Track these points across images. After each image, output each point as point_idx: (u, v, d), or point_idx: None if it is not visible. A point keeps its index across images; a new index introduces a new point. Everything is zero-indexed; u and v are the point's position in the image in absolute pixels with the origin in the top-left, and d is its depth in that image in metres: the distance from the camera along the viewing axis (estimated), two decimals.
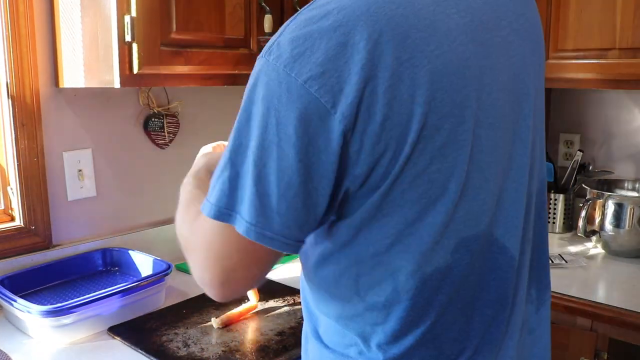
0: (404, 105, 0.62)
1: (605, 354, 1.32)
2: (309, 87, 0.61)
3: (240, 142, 0.66)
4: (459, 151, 0.67)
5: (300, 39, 0.63)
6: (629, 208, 1.56)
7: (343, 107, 0.61)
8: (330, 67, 0.61)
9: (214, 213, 0.67)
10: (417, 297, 0.71)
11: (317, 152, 0.63)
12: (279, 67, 0.63)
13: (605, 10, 1.48)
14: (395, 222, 0.68)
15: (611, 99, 1.87)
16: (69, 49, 1.25)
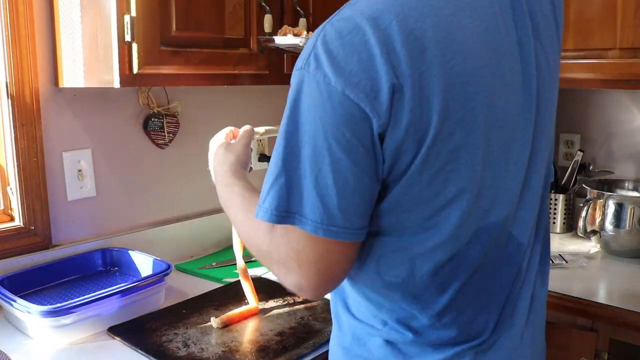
0: (423, 112, 0.70)
1: (606, 354, 1.31)
2: (349, 95, 0.69)
3: (291, 150, 0.73)
4: (472, 153, 0.74)
5: (335, 51, 0.70)
6: (629, 208, 1.56)
7: (379, 112, 0.69)
8: (364, 77, 0.68)
9: (276, 218, 0.74)
10: (431, 281, 0.79)
11: (365, 150, 0.71)
12: (319, 79, 0.70)
13: (605, 10, 1.48)
14: (414, 217, 0.76)
15: (611, 99, 1.86)
16: (69, 49, 1.24)
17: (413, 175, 0.72)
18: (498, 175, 0.78)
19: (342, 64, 0.69)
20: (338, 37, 0.70)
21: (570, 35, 1.55)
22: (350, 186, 0.71)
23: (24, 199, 1.30)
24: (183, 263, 1.58)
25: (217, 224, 1.71)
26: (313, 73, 0.71)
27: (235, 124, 1.61)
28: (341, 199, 0.72)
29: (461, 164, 0.73)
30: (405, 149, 0.71)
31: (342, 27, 0.70)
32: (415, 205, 0.75)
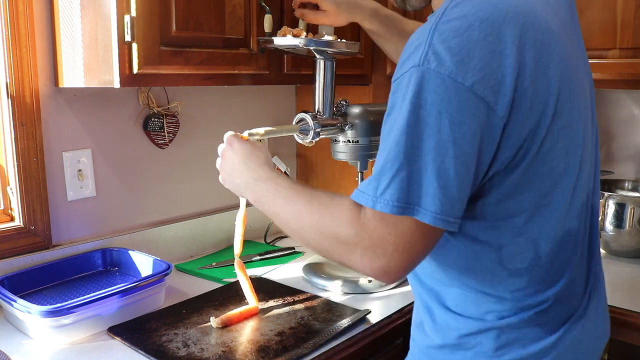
0: (540, 96, 0.77)
1: (606, 354, 1.31)
2: (475, 90, 0.73)
3: (412, 144, 0.75)
4: (576, 131, 0.83)
5: (455, 49, 0.74)
6: (630, 208, 1.56)
7: (502, 104, 0.74)
8: (488, 72, 0.74)
9: (397, 210, 0.75)
10: (555, 259, 0.85)
11: (487, 144, 0.76)
12: (444, 75, 0.73)
13: (605, 10, 1.48)
14: (531, 196, 0.81)
15: (611, 99, 1.86)
16: (69, 49, 1.24)
17: (532, 157, 0.78)
18: (588, 151, 0.88)
19: (466, 60, 0.73)
20: (456, 34, 0.74)
21: None
22: (470, 177, 0.76)
23: (24, 199, 1.30)
24: (183, 263, 1.58)
25: (217, 224, 1.71)
26: (436, 69, 0.74)
27: (235, 124, 1.62)
28: (460, 190, 0.75)
29: (569, 141, 0.82)
30: (526, 133, 0.77)
31: (458, 25, 0.75)
32: (532, 184, 0.80)
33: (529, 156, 0.79)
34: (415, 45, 0.77)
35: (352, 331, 1.16)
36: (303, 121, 1.31)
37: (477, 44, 0.74)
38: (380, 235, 0.78)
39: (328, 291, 1.37)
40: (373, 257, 0.79)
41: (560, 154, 0.81)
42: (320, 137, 1.31)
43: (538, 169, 0.80)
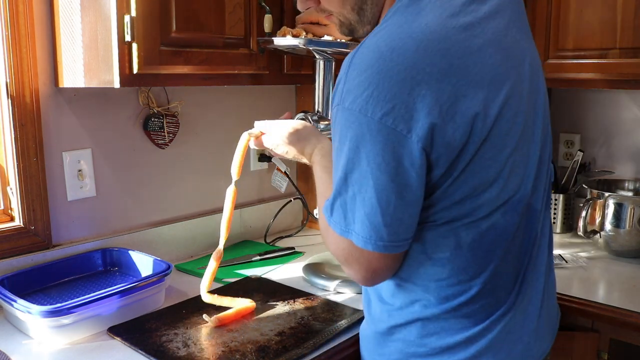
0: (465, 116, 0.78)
1: (606, 354, 1.32)
2: (385, 122, 0.76)
3: (343, 175, 0.82)
4: (507, 140, 0.84)
5: (365, 83, 0.77)
6: (629, 208, 1.56)
7: (417, 130, 0.77)
8: (398, 101, 0.76)
9: (339, 231, 0.86)
10: (478, 249, 0.87)
11: (405, 170, 0.79)
12: (355, 110, 0.78)
13: (605, 10, 1.48)
14: (457, 197, 0.84)
15: (611, 99, 1.86)
16: (69, 49, 1.24)
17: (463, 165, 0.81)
18: (525, 153, 0.89)
19: (375, 93, 0.76)
20: (366, 68, 0.77)
21: (571, 36, 1.55)
22: (392, 204, 0.80)
23: (24, 199, 1.30)
24: (183, 263, 1.58)
25: (217, 224, 1.70)
26: (349, 107, 0.79)
27: (235, 124, 1.62)
28: (385, 215, 0.81)
29: (499, 150, 0.83)
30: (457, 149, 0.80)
31: (370, 57, 0.78)
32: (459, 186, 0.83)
33: (458, 168, 0.82)
34: (339, 78, 0.83)
35: (352, 331, 1.16)
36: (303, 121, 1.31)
37: (386, 75, 0.76)
38: (336, 251, 0.89)
39: (328, 291, 1.37)
40: (345, 266, 0.90)
41: (490, 165, 0.84)
42: None
43: (466, 178, 0.83)
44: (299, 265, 1.54)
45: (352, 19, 0.95)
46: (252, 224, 1.81)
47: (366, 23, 0.95)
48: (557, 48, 1.57)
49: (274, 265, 1.58)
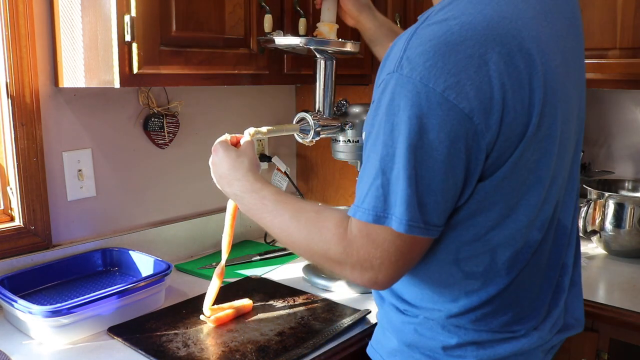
0: (524, 108, 0.74)
1: (606, 354, 1.32)
2: (447, 96, 0.71)
3: (387, 152, 0.75)
4: (551, 143, 0.80)
5: (429, 52, 0.71)
6: (630, 208, 1.56)
7: (477, 111, 0.72)
8: (463, 77, 0.71)
9: (373, 218, 0.76)
10: (512, 267, 0.84)
11: (459, 151, 0.73)
12: (416, 79, 0.71)
13: (605, 10, 1.48)
14: (499, 207, 0.80)
15: (611, 99, 1.86)
16: (69, 49, 1.24)
17: (507, 168, 0.77)
18: (562, 166, 0.86)
19: (439, 64, 0.71)
20: (431, 38, 0.72)
21: None
22: (441, 184, 0.74)
23: (24, 199, 1.30)
24: (183, 263, 1.58)
25: (217, 224, 1.71)
26: (407, 75, 0.72)
27: (235, 124, 1.62)
28: (431, 196, 0.74)
29: (543, 154, 0.79)
30: (507, 142, 0.75)
31: (436, 30, 0.73)
32: (502, 195, 0.79)
33: (504, 167, 0.77)
34: (394, 50, 0.77)
35: (352, 331, 1.16)
36: (303, 121, 1.31)
37: (453, 48, 0.71)
38: (367, 250, 0.79)
39: (328, 291, 1.37)
40: (362, 271, 0.80)
41: (533, 167, 0.79)
42: (321, 137, 1.31)
43: (511, 181, 0.78)
44: (299, 265, 1.54)
45: None
46: (252, 224, 1.81)
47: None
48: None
49: (274, 265, 1.58)
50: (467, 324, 0.87)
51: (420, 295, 0.90)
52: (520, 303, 0.88)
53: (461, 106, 0.71)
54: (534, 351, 0.91)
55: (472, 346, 0.87)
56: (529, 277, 0.87)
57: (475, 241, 0.82)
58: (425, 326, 0.89)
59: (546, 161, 0.80)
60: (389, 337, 0.95)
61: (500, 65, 0.72)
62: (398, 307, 0.94)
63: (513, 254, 0.83)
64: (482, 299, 0.86)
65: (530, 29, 0.76)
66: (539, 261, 0.88)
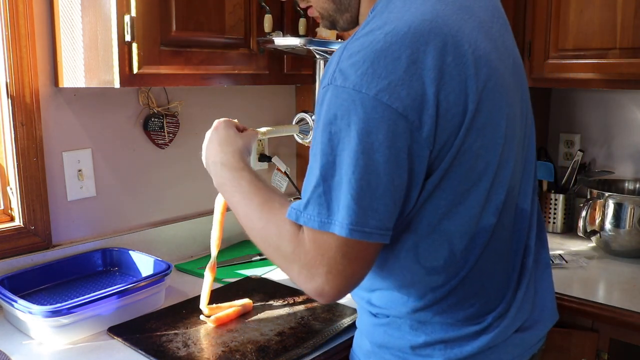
0: (459, 98, 0.77)
1: (606, 354, 1.32)
2: (380, 98, 0.73)
3: (327, 160, 0.76)
4: (496, 129, 0.82)
5: (359, 62, 0.75)
6: (629, 208, 1.56)
7: (410, 109, 0.74)
8: (394, 78, 0.74)
9: (317, 224, 0.77)
10: (470, 255, 0.85)
11: (400, 151, 0.75)
12: (349, 87, 0.74)
13: (605, 10, 1.48)
14: (449, 195, 0.81)
15: (611, 99, 1.86)
16: (69, 49, 1.24)
17: (451, 158, 0.79)
18: (511, 149, 0.87)
19: (369, 71, 0.74)
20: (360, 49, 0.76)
21: (571, 35, 1.55)
22: (382, 186, 0.75)
23: (24, 199, 1.30)
24: (183, 263, 1.58)
25: None
26: (341, 85, 0.75)
27: None
28: (376, 199, 0.75)
29: (488, 140, 0.81)
30: (446, 134, 0.77)
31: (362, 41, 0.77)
32: (451, 184, 0.80)
33: (448, 157, 0.79)
34: (329, 64, 0.80)
35: (352, 331, 1.16)
36: (303, 121, 1.31)
37: (380, 54, 0.74)
38: (313, 255, 0.78)
39: None
40: (308, 276, 0.79)
41: (479, 153, 0.81)
42: None
43: (457, 169, 0.80)
44: None
45: (329, 8, 0.94)
46: None
47: (344, 11, 0.94)
48: (557, 48, 1.58)
49: (274, 265, 1.58)
50: (433, 317, 0.88)
51: (387, 297, 0.91)
52: (486, 291, 0.89)
53: (394, 106, 0.73)
54: (502, 345, 0.91)
55: (440, 345, 0.88)
56: (491, 263, 0.88)
57: (431, 233, 0.83)
58: (393, 326, 0.91)
59: (492, 146, 0.82)
60: (363, 339, 0.98)
61: (427, 61, 0.75)
62: (370, 310, 0.96)
63: (469, 241, 0.85)
64: (446, 290, 0.87)
65: (453, 24, 0.79)
66: (499, 247, 0.89)
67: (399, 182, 0.76)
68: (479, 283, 0.88)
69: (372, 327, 0.95)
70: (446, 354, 0.88)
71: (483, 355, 0.89)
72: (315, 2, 0.96)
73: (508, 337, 0.91)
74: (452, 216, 0.83)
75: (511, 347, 0.92)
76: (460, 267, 0.86)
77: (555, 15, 1.57)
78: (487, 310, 0.89)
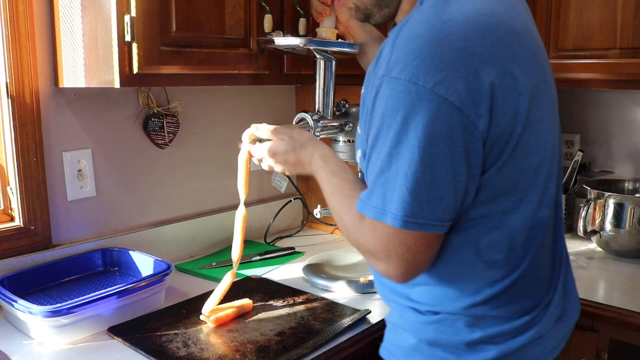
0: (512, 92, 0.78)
1: (606, 354, 1.32)
2: (437, 91, 0.73)
3: (387, 152, 0.78)
4: (544, 125, 0.85)
5: (415, 51, 0.74)
6: (629, 208, 1.56)
7: (467, 102, 0.74)
8: (451, 70, 0.73)
9: (375, 215, 0.81)
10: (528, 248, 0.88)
11: (455, 144, 0.75)
12: (405, 79, 0.74)
13: (606, 10, 1.48)
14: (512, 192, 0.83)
15: (611, 99, 1.86)
16: (69, 49, 1.24)
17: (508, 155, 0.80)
18: (555, 143, 0.91)
19: (426, 61, 0.74)
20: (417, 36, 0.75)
21: (571, 35, 1.55)
22: (438, 178, 0.76)
23: (24, 199, 1.30)
24: (183, 263, 1.58)
25: (217, 224, 1.71)
26: (397, 77, 0.75)
27: (235, 124, 1.62)
28: (431, 191, 0.77)
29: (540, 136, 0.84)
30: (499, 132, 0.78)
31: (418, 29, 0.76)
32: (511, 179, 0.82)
33: (505, 152, 0.80)
34: (382, 55, 0.80)
35: (352, 331, 1.16)
36: (303, 121, 1.31)
37: (438, 43, 0.74)
38: (373, 243, 0.83)
39: (328, 291, 1.37)
40: (373, 261, 0.86)
41: (533, 150, 0.84)
42: (321, 137, 1.31)
43: (514, 165, 0.82)
44: (299, 265, 1.54)
45: (369, 2, 0.94)
46: (252, 224, 1.81)
47: (384, 6, 0.94)
48: (557, 48, 1.57)
49: (274, 265, 1.58)
50: (491, 311, 0.88)
51: (435, 293, 0.90)
52: (540, 283, 0.91)
53: (452, 99, 0.73)
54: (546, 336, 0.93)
55: (495, 339, 0.89)
56: (543, 255, 0.91)
57: (493, 228, 0.84)
58: (446, 323, 0.90)
59: (543, 142, 0.85)
60: (405, 336, 0.95)
61: (484, 56, 0.76)
62: (411, 306, 0.94)
63: (527, 234, 0.87)
64: (506, 284, 0.87)
65: (507, 21, 0.81)
66: (548, 238, 0.92)
67: (454, 175, 0.77)
68: (535, 275, 0.90)
69: (419, 324, 0.93)
70: (500, 348, 0.88)
71: (531, 346, 0.90)
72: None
73: (551, 327, 0.93)
74: (513, 211, 0.84)
75: (553, 336, 0.94)
76: (519, 260, 0.88)
77: (555, 15, 1.57)
78: (538, 301, 0.91)
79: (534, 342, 0.90)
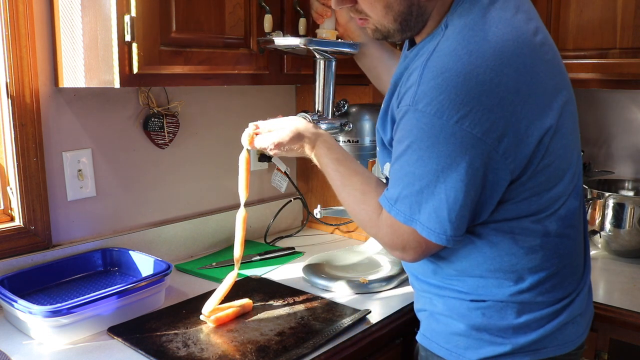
0: (537, 119, 0.83)
1: (606, 354, 1.32)
2: (460, 125, 0.79)
3: (412, 171, 0.86)
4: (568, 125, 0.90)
5: (442, 86, 0.79)
6: (629, 208, 1.56)
7: (490, 133, 0.79)
8: (475, 104, 0.78)
9: (403, 219, 0.90)
10: (562, 237, 0.93)
11: (474, 171, 0.82)
12: (429, 114, 0.80)
13: (605, 10, 1.48)
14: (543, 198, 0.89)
15: (611, 99, 1.86)
16: (69, 49, 1.24)
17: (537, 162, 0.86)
18: (576, 138, 0.96)
19: (452, 96, 0.78)
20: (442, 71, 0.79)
21: (571, 36, 1.55)
22: (459, 202, 0.84)
23: (24, 199, 1.30)
24: (183, 263, 1.58)
25: (217, 224, 1.71)
26: (422, 110, 0.80)
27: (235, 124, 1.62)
28: (451, 213, 0.85)
29: (567, 139, 0.89)
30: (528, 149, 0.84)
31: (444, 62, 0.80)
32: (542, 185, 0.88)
33: (533, 162, 0.86)
34: (409, 80, 0.85)
35: (352, 331, 1.16)
36: None
37: (465, 78, 0.78)
38: (390, 238, 0.94)
39: (328, 291, 1.37)
40: (390, 249, 0.97)
41: (561, 152, 0.89)
42: None
43: (545, 171, 0.87)
44: (299, 265, 1.54)
45: (392, 27, 0.94)
46: (252, 224, 1.81)
47: (407, 31, 0.95)
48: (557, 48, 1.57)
49: (274, 265, 1.58)
50: (536, 297, 0.94)
51: (480, 283, 0.96)
52: (576, 269, 0.98)
53: (474, 132, 0.79)
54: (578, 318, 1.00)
55: (539, 321, 0.95)
56: (578, 243, 0.98)
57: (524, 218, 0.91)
58: (494, 309, 0.95)
59: (570, 144, 0.91)
60: (451, 323, 1.00)
61: (510, 85, 0.79)
62: (461, 298, 0.99)
63: (562, 222, 0.93)
64: (548, 272, 0.94)
65: (528, 41, 0.84)
66: (580, 228, 0.99)
67: (475, 198, 0.85)
68: (574, 263, 0.97)
69: (466, 310, 0.98)
70: (544, 329, 0.95)
71: (567, 326, 0.97)
72: (377, 18, 0.94)
73: (584, 309, 1.01)
74: (546, 210, 0.91)
75: (584, 318, 1.02)
76: (556, 245, 0.93)
77: (555, 16, 1.57)
78: (576, 285, 0.98)
79: (569, 323, 0.97)
